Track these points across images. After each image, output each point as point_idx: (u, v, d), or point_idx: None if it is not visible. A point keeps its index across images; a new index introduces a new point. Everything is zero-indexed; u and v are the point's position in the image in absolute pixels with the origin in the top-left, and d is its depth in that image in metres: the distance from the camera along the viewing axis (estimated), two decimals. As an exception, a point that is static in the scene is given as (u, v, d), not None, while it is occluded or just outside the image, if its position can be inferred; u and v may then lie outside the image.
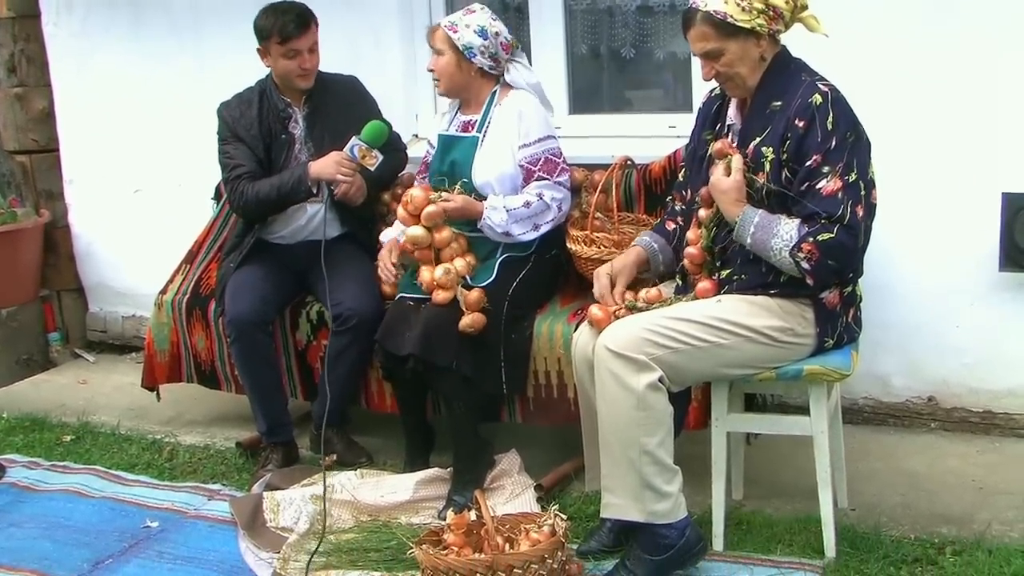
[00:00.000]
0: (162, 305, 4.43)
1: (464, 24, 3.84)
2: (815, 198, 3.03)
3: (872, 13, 3.92)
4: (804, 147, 3.06)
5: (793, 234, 3.03)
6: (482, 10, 3.89)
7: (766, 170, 3.12)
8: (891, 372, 4.15)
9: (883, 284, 3.91)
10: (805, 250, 3.01)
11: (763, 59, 3.17)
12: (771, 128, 3.13)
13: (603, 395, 3.13)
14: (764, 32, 3.12)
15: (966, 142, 3.91)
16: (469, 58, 3.85)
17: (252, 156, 4.13)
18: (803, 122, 3.06)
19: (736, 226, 3.12)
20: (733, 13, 3.08)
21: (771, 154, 3.11)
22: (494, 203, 3.81)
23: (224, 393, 4.45)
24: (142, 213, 5.47)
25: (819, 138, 3.04)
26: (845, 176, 3.03)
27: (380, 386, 4.10)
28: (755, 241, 3.09)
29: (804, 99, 3.08)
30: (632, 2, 4.57)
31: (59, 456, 4.40)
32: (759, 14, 3.09)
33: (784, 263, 3.07)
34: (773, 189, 3.10)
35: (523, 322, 3.81)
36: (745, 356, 3.18)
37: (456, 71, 3.89)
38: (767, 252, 3.09)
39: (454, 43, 3.84)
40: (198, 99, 4.67)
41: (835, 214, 3.01)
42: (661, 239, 3.50)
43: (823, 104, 3.06)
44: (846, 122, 3.07)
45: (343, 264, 4.06)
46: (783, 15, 3.13)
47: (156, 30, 5.24)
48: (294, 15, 4.03)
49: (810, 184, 3.04)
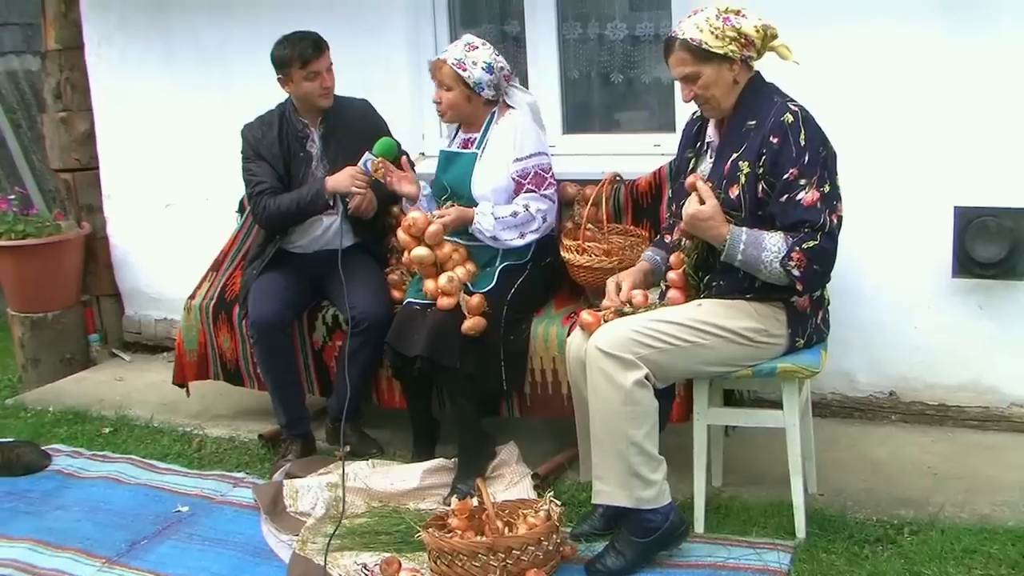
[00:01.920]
0: (191, 309, 4.41)
1: (471, 61, 3.79)
2: (797, 208, 3.02)
3: (835, 42, 3.91)
4: (780, 161, 3.04)
5: (781, 245, 3.02)
6: (483, 45, 3.85)
7: (741, 183, 3.10)
8: (856, 369, 4.14)
9: (850, 289, 3.89)
10: (795, 259, 3.00)
11: (736, 82, 3.17)
12: (747, 144, 3.12)
13: (594, 391, 3.11)
14: (736, 57, 3.12)
15: (923, 161, 3.90)
16: (478, 92, 3.82)
17: (273, 173, 4.11)
18: (777, 139, 3.05)
19: (726, 247, 3.08)
20: (708, 40, 3.09)
21: (747, 168, 3.10)
22: (484, 210, 3.80)
23: (247, 390, 4.42)
24: (173, 225, 5.45)
25: (793, 153, 3.03)
26: (821, 187, 3.02)
27: (390, 383, 4.07)
28: (746, 258, 3.06)
29: (777, 118, 3.07)
30: (620, 32, 4.55)
31: (99, 446, 4.38)
32: (731, 41, 3.09)
33: (775, 274, 3.04)
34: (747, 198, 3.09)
35: (521, 325, 3.79)
36: (724, 355, 3.17)
37: (464, 104, 3.85)
38: (757, 266, 3.06)
39: (464, 80, 3.80)
40: (224, 122, 4.63)
41: (817, 222, 3.00)
42: (662, 252, 3.49)
43: (795, 122, 3.05)
44: (817, 138, 3.07)
45: (356, 271, 4.03)
46: (754, 42, 3.13)
47: (187, 61, 5.23)
48: (310, 41, 4.03)
49: (790, 196, 3.03)
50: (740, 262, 3.08)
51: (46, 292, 5.32)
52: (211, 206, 5.15)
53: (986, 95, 3.78)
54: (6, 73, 7.12)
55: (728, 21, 3.10)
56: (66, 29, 5.49)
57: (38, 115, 6.43)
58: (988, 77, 3.76)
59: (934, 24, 3.79)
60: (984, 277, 3.84)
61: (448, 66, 3.81)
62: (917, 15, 3.80)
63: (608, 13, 4.58)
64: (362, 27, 4.70)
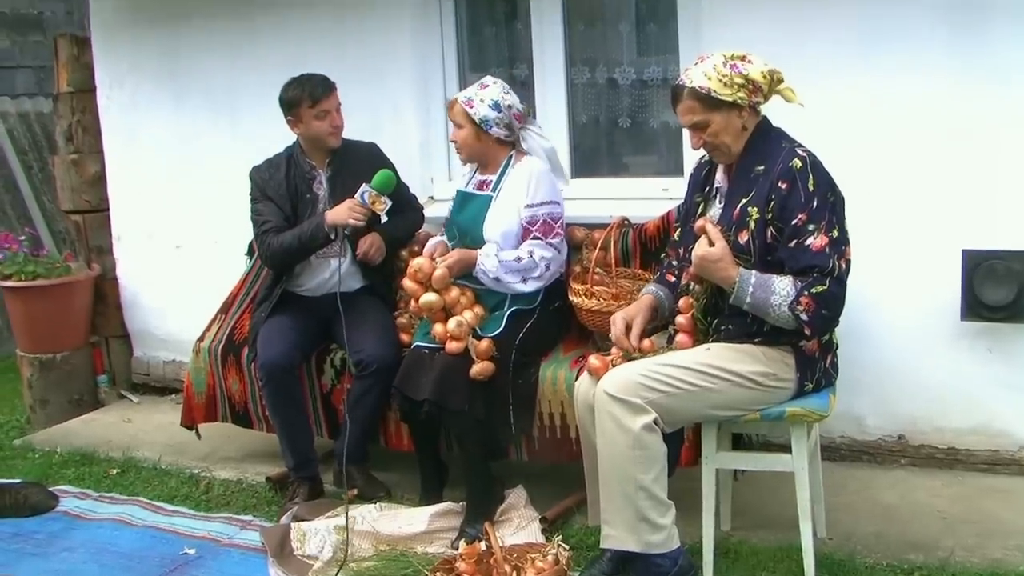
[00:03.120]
0: (200, 351, 4.42)
1: (479, 99, 3.86)
2: (806, 253, 3.03)
3: (843, 87, 3.94)
4: (788, 207, 3.06)
5: (790, 289, 3.03)
6: (495, 84, 3.91)
7: (750, 228, 3.12)
8: (865, 413, 4.13)
9: (858, 332, 3.89)
10: (803, 303, 3.01)
11: (745, 128, 3.19)
12: (756, 190, 3.14)
13: (602, 435, 3.12)
14: (745, 104, 3.14)
15: (931, 204, 3.92)
16: (486, 129, 3.87)
17: (280, 213, 4.15)
18: (786, 184, 3.07)
19: (735, 289, 3.09)
20: (716, 88, 3.11)
21: (756, 213, 3.11)
22: (488, 251, 3.83)
23: (256, 432, 4.43)
24: (182, 267, 5.47)
25: (802, 198, 3.04)
26: (829, 232, 3.03)
27: (398, 426, 4.08)
28: (754, 300, 3.07)
29: (785, 163, 3.09)
30: (628, 76, 4.60)
31: (106, 488, 4.38)
32: (739, 88, 3.11)
33: (783, 317, 3.05)
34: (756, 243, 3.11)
35: (529, 368, 3.80)
36: (732, 399, 3.17)
37: (475, 142, 3.91)
38: (766, 309, 3.06)
39: (471, 117, 3.86)
40: (233, 165, 4.67)
41: (826, 267, 3.01)
42: (665, 288, 3.50)
43: (803, 168, 3.07)
44: (825, 183, 3.08)
45: (364, 315, 4.07)
46: (761, 88, 3.15)
47: (196, 104, 5.29)
48: (319, 80, 4.10)
49: (799, 241, 3.04)
50: (749, 305, 3.09)
51: (55, 333, 5.34)
52: (220, 248, 5.18)
53: (993, 139, 3.80)
54: (18, 115, 7.20)
55: (736, 68, 3.12)
56: (78, 72, 5.57)
57: (49, 157, 6.49)
58: (995, 122, 3.78)
59: (942, 68, 3.82)
60: (993, 320, 3.84)
61: (459, 104, 3.90)
62: (924, 61, 3.84)
63: (616, 58, 4.62)
64: (370, 72, 4.75)
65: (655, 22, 4.51)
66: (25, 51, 8.01)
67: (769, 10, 4.00)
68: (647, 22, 4.55)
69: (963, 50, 3.78)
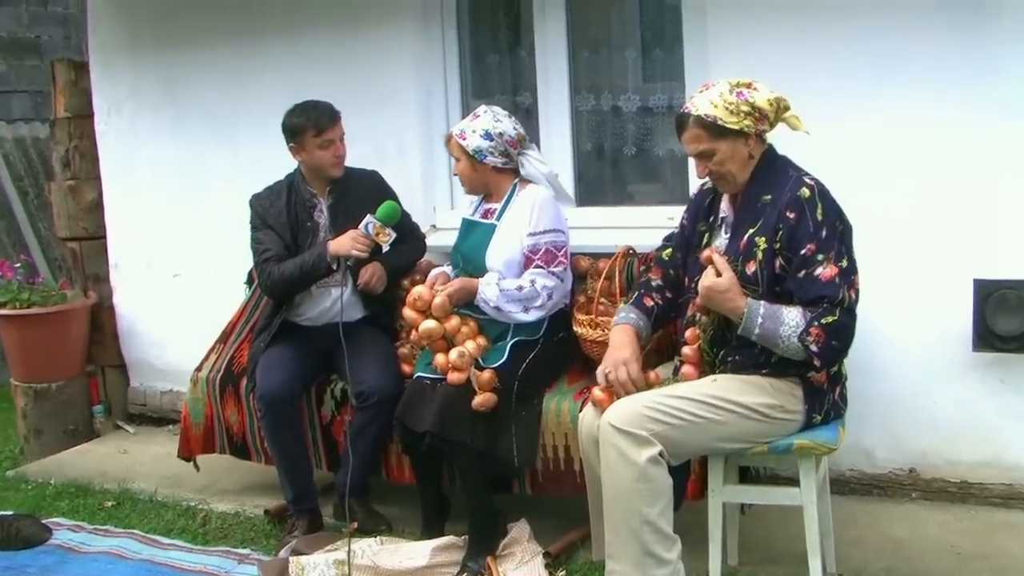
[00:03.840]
0: (197, 381, 4.43)
1: (471, 130, 3.89)
2: (815, 284, 3.04)
3: (851, 115, 3.96)
4: (797, 237, 3.07)
5: (799, 320, 3.04)
6: (485, 113, 3.93)
7: (758, 258, 3.13)
8: (875, 445, 4.12)
9: (867, 363, 3.89)
10: (813, 334, 3.02)
11: (751, 157, 3.21)
12: (763, 220, 3.15)
13: (607, 468, 3.11)
14: (751, 132, 3.16)
15: (941, 233, 3.93)
16: (481, 160, 3.90)
17: (280, 241, 4.17)
18: (794, 214, 3.08)
19: (743, 320, 3.10)
20: (722, 116, 3.13)
21: (764, 243, 3.12)
22: (489, 280, 3.84)
23: (254, 464, 4.43)
24: (180, 296, 5.49)
25: (811, 228, 3.06)
26: (839, 262, 3.04)
27: (399, 459, 4.08)
28: (763, 331, 3.08)
29: (793, 192, 3.10)
30: (633, 104, 4.63)
31: (101, 520, 4.37)
32: (745, 116, 3.13)
33: (791, 348, 3.06)
34: (764, 273, 3.11)
35: (533, 400, 3.80)
36: (739, 431, 3.17)
37: (473, 173, 3.94)
38: (775, 340, 3.07)
39: (465, 149, 3.90)
40: (233, 192, 4.69)
41: (836, 298, 3.02)
42: (643, 316, 3.46)
43: (811, 197, 3.09)
44: (833, 212, 3.10)
45: (365, 345, 4.08)
46: (767, 116, 3.17)
47: (196, 130, 5.32)
48: (324, 109, 4.13)
49: (807, 272, 3.05)
50: (758, 336, 3.10)
51: (50, 362, 5.36)
52: (219, 277, 5.20)
53: (1005, 168, 3.81)
54: (15, 140, 7.24)
55: (742, 95, 3.14)
56: (76, 97, 5.61)
57: (45, 183, 6.53)
58: (1007, 150, 3.79)
59: (953, 96, 3.83)
60: (1005, 351, 3.84)
61: (454, 138, 3.94)
62: (934, 88, 3.85)
63: (621, 85, 4.65)
64: (373, 98, 4.78)
65: (661, 48, 4.54)
66: (21, 75, 8.06)
67: (776, 36, 4.03)
68: (652, 48, 4.58)
69: (974, 78, 3.79)
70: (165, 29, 5.32)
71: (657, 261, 3.59)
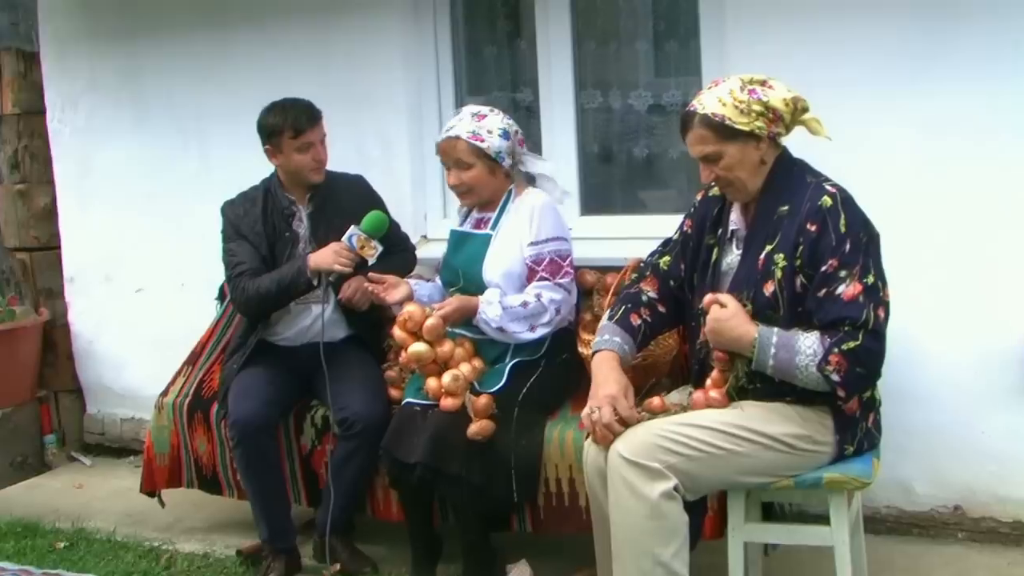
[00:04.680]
0: (163, 407, 4.46)
1: (486, 131, 3.90)
2: (836, 304, 3.03)
3: (886, 115, 3.97)
4: (818, 251, 3.07)
5: (817, 347, 3.04)
6: (492, 112, 3.97)
7: (777, 278, 3.13)
8: (914, 479, 4.11)
9: (904, 387, 3.87)
10: (833, 362, 3.01)
11: (763, 162, 3.21)
12: (781, 234, 3.15)
13: (616, 504, 3.12)
14: (763, 135, 3.16)
15: (989, 241, 3.91)
16: (500, 162, 3.93)
17: (255, 254, 4.20)
18: (815, 226, 3.08)
19: (755, 351, 3.10)
20: (731, 116, 3.13)
21: (783, 260, 3.13)
22: (490, 298, 3.86)
23: (225, 499, 4.45)
24: (144, 313, 5.51)
25: (833, 241, 3.06)
26: (864, 278, 3.03)
27: (386, 493, 4.11)
28: (778, 363, 3.08)
29: (813, 202, 3.11)
30: (645, 100, 4.66)
31: (51, 564, 4.34)
32: (758, 116, 3.13)
33: (811, 379, 3.05)
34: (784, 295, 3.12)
35: (534, 428, 3.82)
36: (762, 464, 3.18)
37: (490, 179, 3.95)
38: (792, 371, 3.07)
39: (484, 152, 3.90)
40: (202, 197, 4.73)
41: (859, 319, 3.01)
42: (629, 338, 3.44)
43: (833, 206, 3.09)
44: (858, 222, 3.09)
45: (349, 368, 4.12)
46: (783, 117, 3.17)
47: (161, 128, 5.34)
48: (303, 108, 4.16)
49: (828, 290, 3.05)
50: (773, 368, 3.10)
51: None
52: (187, 292, 5.24)
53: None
54: (-43, 140, 7.25)
55: (754, 93, 3.15)
56: (26, 92, 5.64)
57: (-8, 187, 6.56)
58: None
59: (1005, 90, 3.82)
60: (1062, 373, 3.84)
61: (463, 141, 3.91)
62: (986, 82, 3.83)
63: (631, 80, 4.68)
64: (357, 95, 4.81)
65: (675, 40, 4.58)
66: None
67: (803, 25, 4.03)
68: (666, 40, 4.61)
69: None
70: (126, 16, 5.34)
71: (653, 270, 3.56)
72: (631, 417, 3.20)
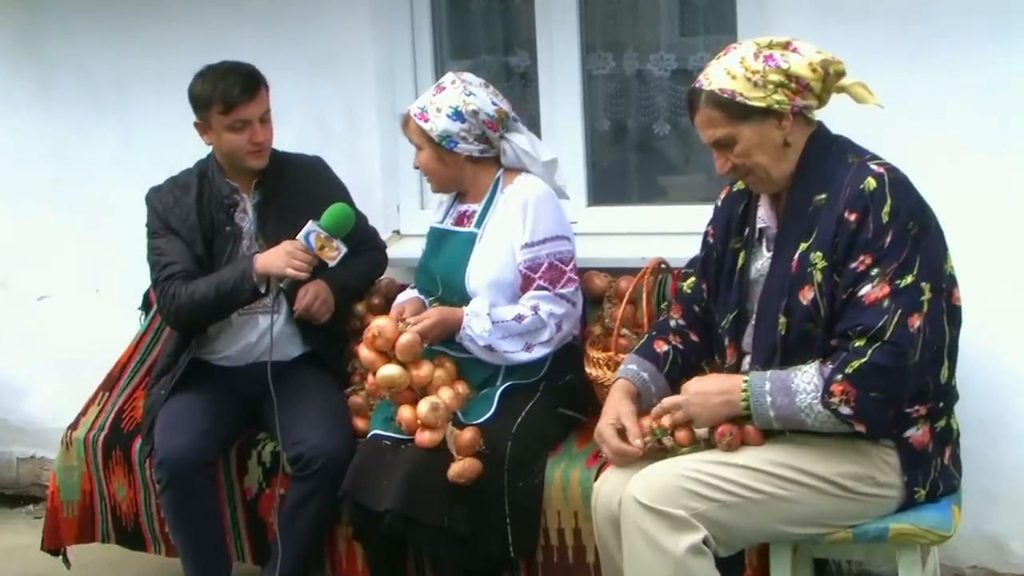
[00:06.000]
0: (72, 444, 4.44)
1: (435, 109, 3.92)
2: (854, 309, 3.01)
3: (968, 75, 3.90)
4: (856, 245, 3.04)
5: (816, 379, 3.02)
6: (453, 85, 3.95)
7: (816, 281, 3.10)
8: (1008, 533, 4.09)
9: (994, 419, 3.87)
10: (838, 392, 2.98)
11: (788, 144, 3.18)
12: (819, 228, 3.12)
13: (632, 559, 3.13)
14: (786, 110, 3.13)
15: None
16: (450, 148, 3.94)
17: (188, 253, 4.20)
18: (855, 215, 3.04)
19: (749, 407, 3.10)
20: (743, 90, 3.10)
21: (821, 261, 3.09)
22: (477, 309, 3.88)
23: (151, 556, 4.44)
24: (48, 326, 5.52)
25: (869, 233, 3.02)
26: (897, 279, 2.99)
27: (350, 547, 4.11)
28: (779, 411, 3.07)
29: (855, 186, 3.06)
30: (667, 66, 4.66)
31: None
32: (776, 88, 3.10)
33: (820, 419, 3.03)
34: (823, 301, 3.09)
35: (531, 467, 3.81)
36: (812, 511, 3.17)
37: (440, 166, 3.99)
38: (798, 417, 3.06)
39: (428, 134, 3.93)
40: (123, 183, 4.74)
41: (871, 328, 2.97)
42: (651, 366, 3.49)
43: (878, 189, 3.04)
44: (908, 209, 3.05)
45: (304, 393, 4.12)
46: (811, 86, 3.12)
47: (70, 99, 5.36)
48: (239, 77, 4.13)
49: (852, 291, 3.03)
50: (776, 420, 3.09)
51: None
52: (103, 300, 5.26)
53: None
54: None
55: (771, 60, 3.10)
56: (-96, 56, 5.65)
57: None
58: None
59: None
60: None
61: (413, 119, 3.97)
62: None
63: (651, 41, 4.70)
64: (314, 58, 4.83)
65: (704, -10, 4.61)
66: None
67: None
68: (693, -9, 4.64)
69: None
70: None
71: (678, 296, 3.60)
72: (624, 452, 3.28)
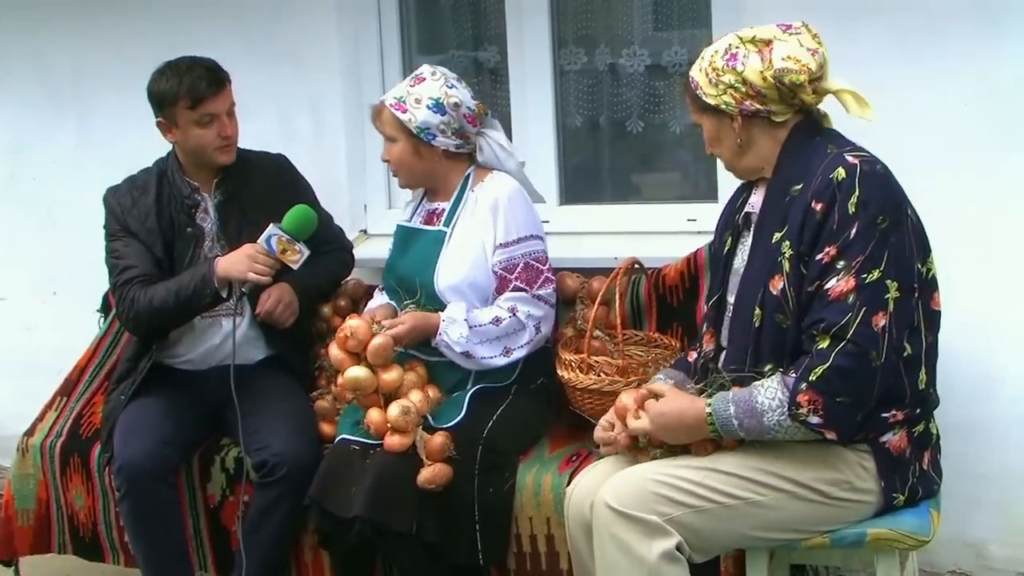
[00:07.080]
0: (28, 450, 4.44)
1: (414, 99, 3.93)
2: (820, 303, 3.01)
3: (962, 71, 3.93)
4: (822, 237, 3.04)
5: (780, 394, 3.02)
6: (433, 76, 3.97)
7: (785, 271, 3.11)
8: (987, 538, 4.12)
9: (974, 422, 3.90)
10: (804, 403, 2.97)
11: (741, 145, 3.22)
12: (790, 217, 3.13)
13: (605, 566, 3.14)
14: (733, 112, 3.18)
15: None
16: (428, 141, 3.95)
17: (147, 256, 4.20)
18: (821, 204, 3.03)
19: (716, 431, 3.11)
20: (702, 85, 3.21)
21: (789, 250, 3.10)
22: (453, 314, 3.89)
23: (108, 566, 4.44)
24: (3, 329, 5.53)
25: (835, 223, 3.01)
26: (863, 273, 2.97)
27: (316, 556, 4.11)
28: (749, 432, 3.08)
29: (825, 175, 3.05)
30: (641, 61, 4.68)
31: None
32: (726, 89, 3.15)
33: (791, 432, 3.04)
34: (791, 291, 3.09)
35: (502, 472, 3.83)
36: (789, 516, 3.18)
37: (415, 160, 4.00)
38: (768, 435, 3.07)
39: (405, 126, 3.94)
40: (81, 183, 4.73)
41: (834, 325, 2.95)
42: (679, 374, 3.52)
43: (847, 179, 3.01)
44: (879, 203, 3.01)
45: (269, 397, 4.12)
46: (763, 94, 3.14)
47: (26, 95, 5.37)
48: (204, 70, 4.13)
49: (819, 284, 3.02)
50: (747, 437, 3.11)
51: None
52: (60, 303, 5.26)
53: None
54: None
55: (732, 60, 3.14)
56: None
57: None
58: None
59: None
60: None
61: (387, 109, 3.97)
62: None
63: (624, 35, 4.72)
64: (279, 52, 4.85)
65: (679, -17, 4.63)
66: None
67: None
68: (667, -16, 4.65)
69: None
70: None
71: (705, 320, 3.55)
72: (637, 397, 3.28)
